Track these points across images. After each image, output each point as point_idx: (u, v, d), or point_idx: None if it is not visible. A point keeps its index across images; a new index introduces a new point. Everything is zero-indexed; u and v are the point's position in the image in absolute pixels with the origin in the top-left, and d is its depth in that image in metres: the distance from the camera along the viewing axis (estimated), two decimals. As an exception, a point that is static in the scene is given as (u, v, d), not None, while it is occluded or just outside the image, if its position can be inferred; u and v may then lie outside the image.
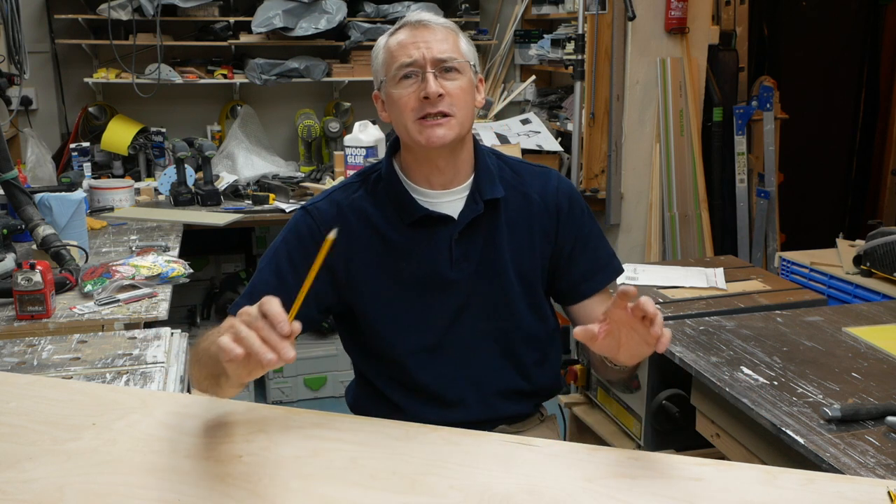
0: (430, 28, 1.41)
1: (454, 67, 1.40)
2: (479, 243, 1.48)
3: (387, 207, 1.46)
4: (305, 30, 3.85)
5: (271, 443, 1.17)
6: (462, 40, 1.45)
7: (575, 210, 1.55)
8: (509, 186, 1.51)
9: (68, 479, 1.09)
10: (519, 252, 1.50)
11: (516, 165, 1.57)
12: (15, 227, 2.45)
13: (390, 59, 1.42)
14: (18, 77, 3.27)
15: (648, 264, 2.66)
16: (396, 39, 1.42)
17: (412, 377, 1.49)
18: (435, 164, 1.45)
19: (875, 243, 2.59)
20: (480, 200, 1.46)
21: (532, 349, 1.55)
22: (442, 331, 1.48)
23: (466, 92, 1.41)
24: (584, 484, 1.09)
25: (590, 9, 3.55)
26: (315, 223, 1.46)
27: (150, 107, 3.93)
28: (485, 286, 1.48)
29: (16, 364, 1.67)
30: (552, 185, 1.54)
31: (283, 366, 3.84)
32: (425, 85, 1.37)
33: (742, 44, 3.96)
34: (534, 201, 1.52)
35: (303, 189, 3.64)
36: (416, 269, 1.46)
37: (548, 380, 1.59)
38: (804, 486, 1.09)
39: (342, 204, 1.48)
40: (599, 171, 3.79)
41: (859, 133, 4.93)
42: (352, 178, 1.54)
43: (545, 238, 1.52)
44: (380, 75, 1.45)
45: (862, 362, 1.76)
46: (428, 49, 1.39)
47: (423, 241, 1.46)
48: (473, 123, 1.52)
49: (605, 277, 1.57)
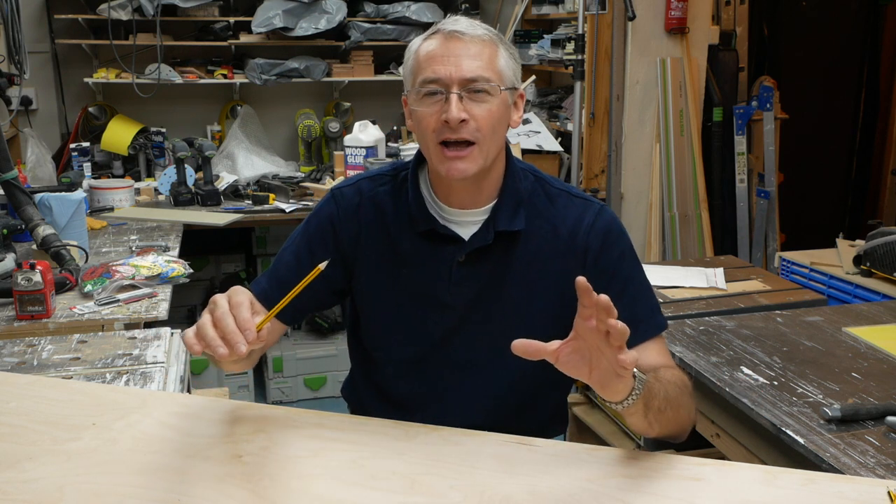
0: (464, 41, 1.27)
1: (484, 90, 1.26)
2: (485, 272, 1.37)
3: (403, 210, 1.40)
4: (305, 30, 3.85)
5: (271, 443, 1.17)
6: (501, 55, 1.30)
7: (608, 252, 1.37)
8: (538, 216, 1.37)
9: (68, 479, 1.09)
10: (530, 289, 1.37)
11: (554, 193, 1.40)
12: (15, 227, 2.45)
13: (417, 69, 1.30)
14: (18, 77, 3.27)
15: (648, 264, 2.66)
16: (427, 48, 1.29)
17: (390, 383, 1.46)
18: (453, 188, 1.36)
19: (875, 243, 2.59)
20: (493, 230, 1.35)
21: (519, 392, 1.42)
22: (427, 348, 1.41)
23: (496, 117, 1.28)
24: (584, 484, 1.09)
25: (590, 9, 3.54)
26: (338, 210, 1.42)
27: (150, 107, 3.93)
28: (480, 317, 1.38)
29: (16, 364, 1.67)
30: (587, 221, 1.37)
31: (283, 366, 3.84)
32: (448, 107, 1.25)
33: (742, 44, 3.96)
34: (560, 237, 1.37)
35: (303, 189, 3.64)
36: (414, 280, 1.39)
37: (531, 426, 1.38)
38: (804, 486, 1.09)
39: (365, 194, 1.43)
40: (599, 171, 3.79)
41: (859, 133, 4.93)
42: (385, 169, 1.46)
43: (566, 279, 1.23)
44: (407, 83, 1.34)
45: (862, 362, 1.76)
46: (457, 67, 1.25)
47: (427, 255, 1.38)
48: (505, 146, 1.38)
49: (642, 332, 1.32)
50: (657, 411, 1.16)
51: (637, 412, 1.13)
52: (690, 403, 1.28)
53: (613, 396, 1.08)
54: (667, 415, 1.19)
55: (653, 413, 1.16)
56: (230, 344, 1.02)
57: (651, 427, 1.18)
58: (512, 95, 1.32)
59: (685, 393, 1.26)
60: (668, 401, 1.19)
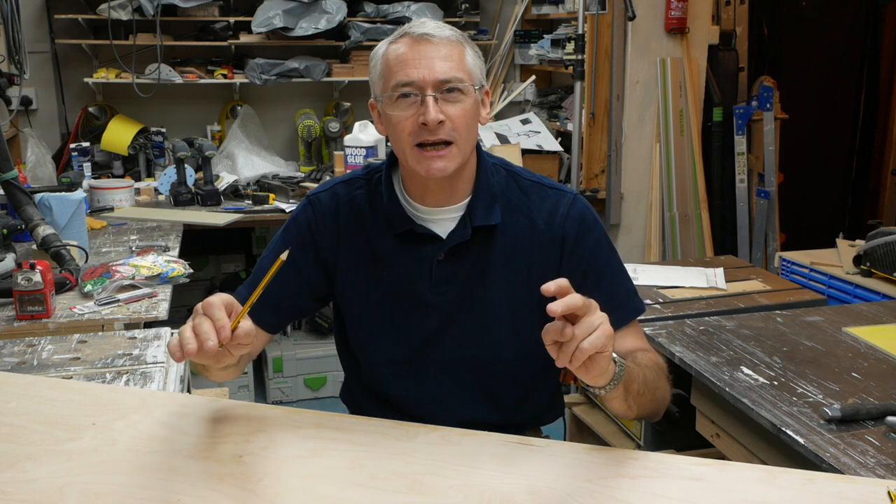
0: (433, 43, 1.29)
1: (457, 88, 1.28)
2: (466, 268, 1.38)
3: (380, 212, 1.41)
4: (305, 30, 3.85)
5: (271, 443, 1.17)
6: (468, 54, 1.32)
7: (584, 240, 1.39)
8: (513, 209, 1.39)
9: (68, 479, 1.09)
10: (512, 283, 1.38)
11: (527, 185, 1.42)
12: (15, 227, 2.45)
13: (388, 73, 1.31)
14: (18, 77, 3.27)
15: (648, 264, 2.67)
16: (396, 52, 1.30)
17: (383, 386, 1.46)
18: (428, 187, 1.37)
19: (875, 243, 2.59)
20: (470, 225, 1.36)
21: (512, 384, 1.43)
22: (416, 348, 1.41)
23: (470, 114, 1.30)
24: (584, 484, 1.09)
25: (590, 9, 3.55)
26: (315, 215, 1.44)
27: (150, 107, 3.92)
28: (465, 313, 1.38)
29: (16, 364, 1.67)
30: (561, 210, 1.39)
31: (283, 366, 3.83)
32: (424, 110, 1.27)
33: (742, 44, 3.97)
34: (537, 228, 1.38)
35: (303, 189, 3.64)
36: (396, 283, 1.39)
37: (525, 416, 1.47)
38: (804, 486, 1.09)
39: (342, 198, 1.44)
40: (599, 171, 3.79)
41: (859, 133, 4.93)
42: (358, 172, 1.48)
43: (546, 270, 1.36)
44: (376, 88, 1.35)
45: (862, 362, 1.76)
46: (430, 69, 1.27)
47: (407, 255, 1.39)
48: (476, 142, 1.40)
49: (620, 317, 1.32)
50: (636, 395, 1.22)
51: (618, 396, 1.18)
52: (666, 385, 1.35)
53: (596, 381, 1.11)
54: (645, 397, 1.25)
55: (632, 396, 1.21)
56: (202, 340, 1.05)
57: (630, 409, 1.24)
58: (480, 92, 1.35)
59: (661, 375, 1.33)
60: (646, 384, 1.25)
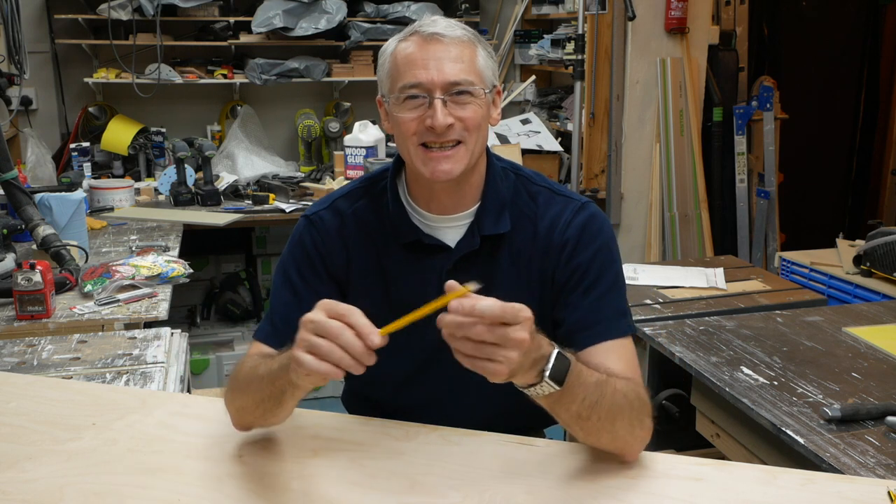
0: (444, 43, 1.24)
1: (467, 91, 1.24)
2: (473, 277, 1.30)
3: (386, 223, 1.37)
4: (305, 30, 3.85)
5: (271, 443, 1.17)
6: (480, 55, 1.27)
7: (583, 249, 1.32)
8: (521, 216, 1.35)
9: (68, 479, 1.09)
10: (515, 291, 1.30)
11: (536, 190, 1.37)
12: (15, 227, 2.45)
13: (396, 73, 1.26)
14: (18, 77, 3.27)
15: (648, 264, 2.67)
16: (405, 51, 1.26)
17: (388, 398, 1.43)
18: (434, 193, 1.32)
19: (875, 243, 2.59)
20: (478, 234, 1.32)
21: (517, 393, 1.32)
22: (424, 360, 1.36)
23: (480, 116, 1.26)
24: (585, 484, 1.09)
25: (590, 9, 3.54)
26: (319, 235, 1.38)
27: (150, 107, 3.92)
28: None
29: (16, 364, 1.67)
30: (565, 217, 1.33)
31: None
32: (432, 113, 1.22)
33: (742, 44, 3.97)
34: (539, 235, 1.34)
35: (303, 189, 3.64)
36: (404, 295, 1.34)
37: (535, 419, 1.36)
38: (804, 486, 1.09)
39: (345, 213, 1.39)
40: (599, 171, 3.79)
41: (859, 133, 4.93)
42: (355, 184, 1.42)
43: (543, 277, 1.32)
44: (384, 86, 1.30)
45: (862, 362, 1.76)
46: (439, 71, 1.22)
47: (415, 266, 1.34)
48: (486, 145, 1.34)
49: (603, 331, 1.27)
50: (588, 408, 1.09)
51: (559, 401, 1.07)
52: (636, 423, 1.15)
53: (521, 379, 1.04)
54: (598, 421, 1.10)
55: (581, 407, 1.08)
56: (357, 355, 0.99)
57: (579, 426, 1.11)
58: (491, 94, 1.30)
59: (635, 409, 1.15)
60: (603, 406, 1.10)
